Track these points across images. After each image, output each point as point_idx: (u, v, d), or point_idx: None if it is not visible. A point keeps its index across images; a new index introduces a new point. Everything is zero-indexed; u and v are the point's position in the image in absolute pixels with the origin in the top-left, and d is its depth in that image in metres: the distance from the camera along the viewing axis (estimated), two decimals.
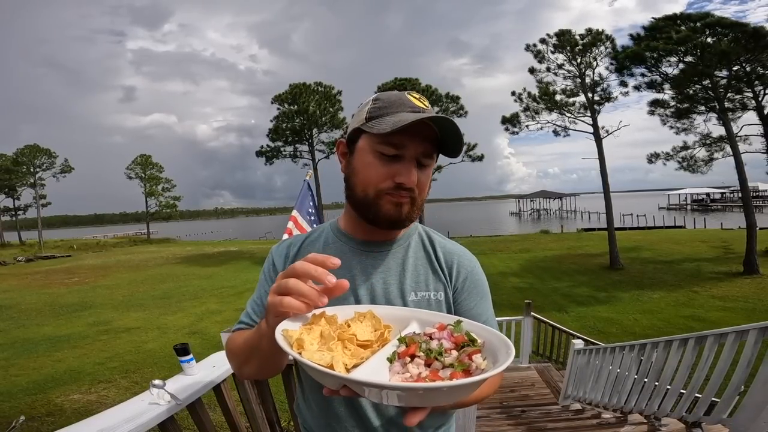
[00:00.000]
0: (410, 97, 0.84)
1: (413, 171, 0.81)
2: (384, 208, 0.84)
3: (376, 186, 0.83)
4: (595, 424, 3.68)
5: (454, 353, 0.60)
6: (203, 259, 24.54)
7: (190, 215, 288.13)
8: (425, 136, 0.81)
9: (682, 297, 11.25)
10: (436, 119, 0.78)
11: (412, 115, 0.78)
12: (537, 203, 68.24)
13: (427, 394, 0.53)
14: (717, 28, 13.47)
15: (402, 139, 0.80)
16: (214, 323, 10.44)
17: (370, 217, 0.86)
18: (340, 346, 0.61)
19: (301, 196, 3.24)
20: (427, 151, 0.83)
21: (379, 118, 0.81)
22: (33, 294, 15.59)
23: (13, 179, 38.06)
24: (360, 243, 0.93)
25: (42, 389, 6.74)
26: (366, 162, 0.84)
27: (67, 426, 1.22)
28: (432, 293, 0.90)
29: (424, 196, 0.87)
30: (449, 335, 0.63)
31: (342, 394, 0.56)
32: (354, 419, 0.88)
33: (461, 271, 0.94)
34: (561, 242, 23.84)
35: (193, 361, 1.51)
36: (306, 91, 25.98)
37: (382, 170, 0.82)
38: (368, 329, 0.67)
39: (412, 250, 0.95)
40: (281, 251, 0.96)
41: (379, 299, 0.88)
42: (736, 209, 37.88)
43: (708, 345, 2.61)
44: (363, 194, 0.85)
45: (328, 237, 0.96)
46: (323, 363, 0.56)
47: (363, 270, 0.91)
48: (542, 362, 6.84)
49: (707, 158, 16.19)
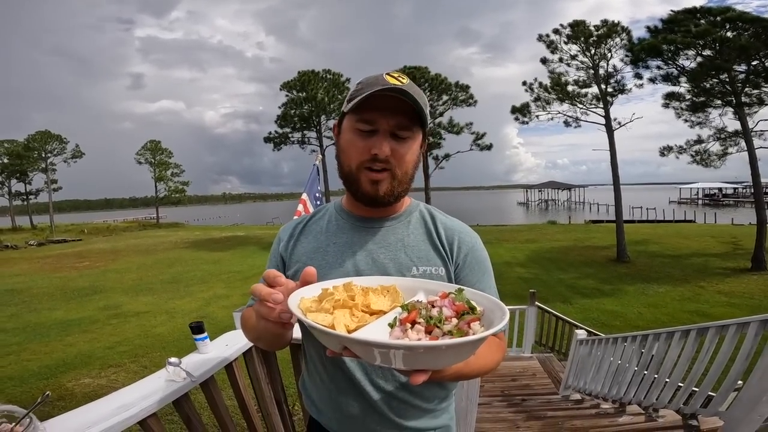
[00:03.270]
0: (387, 76, 0.85)
1: (385, 142, 0.85)
2: (363, 185, 0.89)
3: (356, 160, 0.88)
4: (594, 413, 3.74)
5: (454, 321, 0.61)
6: (211, 243, 24.80)
7: (199, 200, 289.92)
8: (397, 109, 0.84)
9: (688, 292, 11.20)
10: (393, 89, 0.81)
11: (379, 90, 0.82)
12: (545, 194, 67.78)
13: (427, 353, 0.55)
14: (738, 22, 13.17)
15: (373, 115, 0.85)
16: (221, 308, 10.61)
17: (353, 193, 0.92)
18: (347, 313, 0.64)
19: (310, 180, 3.31)
20: (402, 123, 0.86)
21: (355, 99, 0.85)
22: (44, 278, 15.84)
23: (24, 164, 38.53)
24: (360, 219, 0.97)
25: (53, 373, 6.81)
26: (347, 139, 0.90)
27: (86, 404, 1.29)
28: (433, 269, 0.92)
29: (405, 168, 0.90)
30: (450, 303, 0.64)
31: (345, 355, 0.60)
32: (354, 393, 0.92)
33: (462, 248, 0.96)
34: (568, 233, 23.72)
35: (207, 340, 1.58)
36: (315, 79, 25.92)
37: (360, 144, 0.87)
38: (386, 301, 0.69)
39: (412, 226, 0.98)
40: (288, 229, 1.03)
41: (379, 275, 0.89)
42: (748, 205, 37.32)
43: (709, 337, 2.63)
44: (348, 169, 0.91)
45: (331, 215, 1.01)
46: (325, 324, 0.59)
47: (363, 246, 0.94)
48: (545, 352, 6.90)
49: (721, 152, 15.95)
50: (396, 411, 0.92)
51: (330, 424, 0.97)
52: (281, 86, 26.55)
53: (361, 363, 0.91)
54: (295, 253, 0.97)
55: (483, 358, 0.85)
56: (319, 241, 0.96)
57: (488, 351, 0.88)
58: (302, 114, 26.00)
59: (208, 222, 55.86)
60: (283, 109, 26.40)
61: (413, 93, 0.82)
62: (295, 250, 0.98)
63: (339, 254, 0.93)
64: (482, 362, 0.85)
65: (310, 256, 0.95)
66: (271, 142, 27.23)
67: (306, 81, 25.74)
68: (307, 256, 0.95)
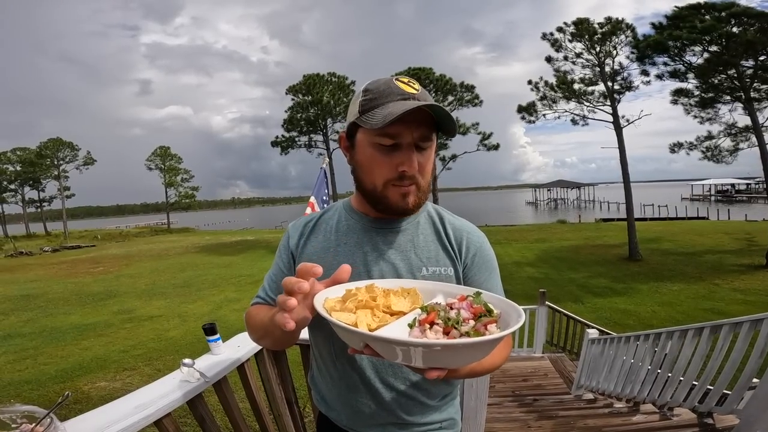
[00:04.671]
0: (399, 83, 0.84)
1: (413, 158, 0.83)
2: (392, 199, 0.87)
3: (382, 178, 0.86)
4: (607, 413, 3.71)
5: (471, 323, 0.63)
6: (221, 248, 25.03)
7: (208, 205, 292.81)
8: (419, 121, 0.82)
9: (703, 289, 11.05)
10: (423, 105, 0.79)
11: (402, 104, 0.79)
12: (554, 193, 67.27)
13: (444, 351, 0.57)
14: (743, 17, 13.04)
15: (397, 129, 0.81)
16: (232, 311, 10.71)
17: (380, 208, 0.91)
18: (369, 313, 0.66)
19: (318, 183, 3.34)
20: (424, 134, 0.84)
21: (371, 111, 0.83)
22: (59, 283, 16.09)
23: (37, 172, 39.29)
24: (371, 221, 0.96)
25: (70, 377, 6.88)
26: (367, 155, 0.87)
27: (104, 404, 1.32)
28: (442, 269, 0.93)
29: (428, 178, 0.90)
30: (469, 306, 0.66)
31: (366, 353, 0.62)
32: (365, 391, 0.94)
33: (470, 248, 0.96)
34: (578, 232, 23.53)
35: (220, 341, 1.61)
36: (320, 82, 26.09)
37: (384, 161, 0.84)
38: (407, 303, 0.72)
39: (421, 227, 0.98)
40: (298, 227, 1.01)
41: (391, 276, 0.91)
42: (762, 201, 36.71)
43: (723, 334, 2.61)
44: (372, 187, 0.88)
45: (341, 215, 1.00)
46: (349, 322, 0.62)
47: (374, 247, 0.94)
48: (556, 352, 6.85)
49: (732, 148, 15.73)
50: (404, 407, 0.94)
51: (339, 419, 0.99)
52: (287, 90, 26.78)
53: (372, 362, 0.93)
54: (306, 252, 0.97)
55: (492, 356, 0.86)
56: (329, 241, 0.97)
57: (497, 349, 0.89)
58: (308, 117, 26.17)
59: (218, 227, 56.35)
60: (290, 112, 26.61)
61: (437, 104, 0.80)
62: (306, 248, 0.98)
63: (349, 254, 0.94)
64: (492, 360, 0.87)
65: (320, 255, 0.95)
66: (278, 146, 27.45)
67: (311, 84, 25.92)
68: (317, 255, 0.95)
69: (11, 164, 39.59)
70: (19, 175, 39.78)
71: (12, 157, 39.29)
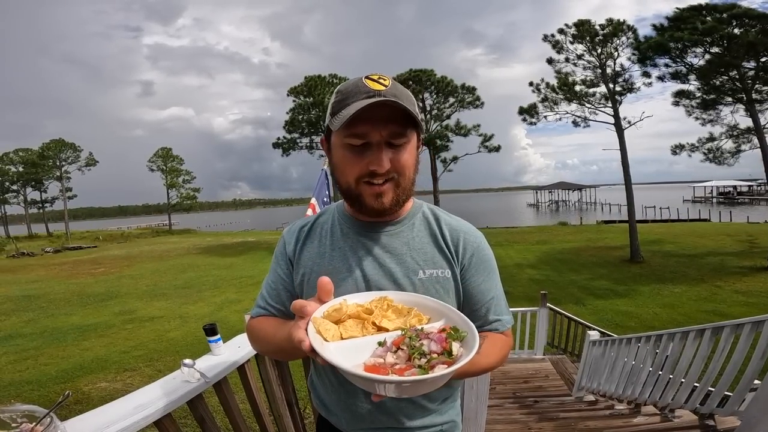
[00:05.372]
0: (367, 81, 0.82)
1: (382, 156, 0.81)
2: (366, 200, 0.86)
3: (354, 177, 0.85)
4: (608, 414, 3.70)
5: (435, 356, 0.66)
6: (222, 249, 25.03)
7: (210, 206, 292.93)
8: (387, 118, 0.79)
9: (705, 291, 11.01)
10: (379, 100, 0.77)
11: (362, 102, 0.78)
12: (555, 195, 67.14)
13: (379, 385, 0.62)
14: (744, 19, 13.04)
15: (364, 128, 0.80)
16: (233, 312, 10.71)
17: (357, 208, 0.90)
18: (359, 324, 0.74)
19: (319, 184, 3.33)
20: (394, 131, 0.81)
21: (339, 113, 0.81)
22: (61, 284, 16.12)
23: (39, 173, 39.38)
24: (364, 225, 0.94)
25: (71, 378, 6.89)
26: (339, 156, 0.86)
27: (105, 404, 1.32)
28: (439, 271, 0.91)
29: (408, 174, 0.87)
30: (441, 340, 0.68)
31: (320, 362, 0.66)
32: (364, 396, 0.93)
33: (468, 248, 0.94)
34: (580, 234, 23.48)
35: (221, 341, 1.61)
36: (321, 83, 26.08)
37: (355, 161, 0.83)
38: (398, 322, 0.76)
39: (416, 229, 0.95)
40: (293, 232, 1.00)
41: (386, 279, 0.90)
42: (764, 203, 36.62)
43: (724, 336, 2.60)
44: (346, 187, 0.88)
45: (335, 219, 0.99)
46: (325, 334, 0.69)
47: (369, 251, 0.92)
48: (557, 354, 6.83)
49: (734, 150, 15.70)
50: (405, 411, 0.94)
51: (339, 423, 0.99)
52: (288, 92, 26.79)
53: None
54: (303, 257, 0.96)
55: (488, 357, 0.87)
56: (324, 246, 0.95)
57: (493, 349, 0.90)
58: (310, 119, 26.17)
59: (219, 228, 56.38)
60: (291, 114, 26.62)
61: (399, 97, 0.79)
62: (302, 254, 0.97)
63: (345, 259, 0.92)
64: (488, 360, 0.88)
65: (316, 261, 0.94)
66: (279, 148, 27.45)
67: (313, 86, 25.92)
68: (313, 261, 0.94)
69: (14, 165, 39.77)
70: (21, 176, 39.91)
71: (14, 158, 39.46)
